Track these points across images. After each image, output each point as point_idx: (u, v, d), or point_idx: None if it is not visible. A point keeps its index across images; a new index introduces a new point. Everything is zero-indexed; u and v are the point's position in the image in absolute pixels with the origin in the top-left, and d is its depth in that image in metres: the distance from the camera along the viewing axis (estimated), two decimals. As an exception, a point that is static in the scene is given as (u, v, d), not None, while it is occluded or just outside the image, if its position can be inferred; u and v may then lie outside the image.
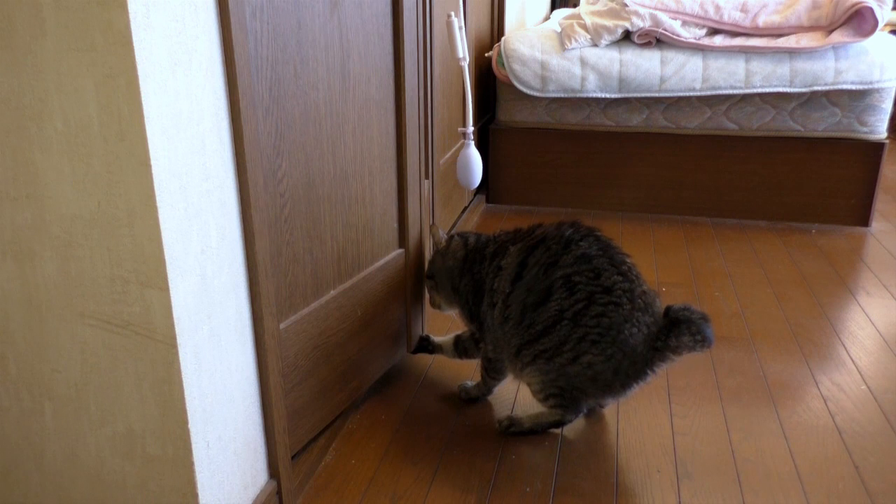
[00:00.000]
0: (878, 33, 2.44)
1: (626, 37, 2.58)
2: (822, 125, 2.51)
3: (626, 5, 2.58)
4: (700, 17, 2.57)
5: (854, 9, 2.37)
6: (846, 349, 1.73)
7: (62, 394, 0.96)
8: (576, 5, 3.83)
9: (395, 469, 1.30)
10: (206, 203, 0.93)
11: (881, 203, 2.88)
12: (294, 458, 1.29)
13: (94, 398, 0.95)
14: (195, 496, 0.96)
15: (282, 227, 1.15)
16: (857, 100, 2.46)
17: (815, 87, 2.43)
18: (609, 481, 1.27)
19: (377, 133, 1.40)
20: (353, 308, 1.39)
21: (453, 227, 2.51)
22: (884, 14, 2.35)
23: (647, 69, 2.51)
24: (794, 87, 2.44)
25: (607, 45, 2.57)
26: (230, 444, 1.04)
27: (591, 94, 2.58)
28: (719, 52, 2.48)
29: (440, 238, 1.53)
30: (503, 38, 2.66)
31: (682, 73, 2.49)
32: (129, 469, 0.97)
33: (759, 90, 2.47)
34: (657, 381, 1.58)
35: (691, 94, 2.52)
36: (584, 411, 1.39)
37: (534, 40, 2.61)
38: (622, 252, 1.31)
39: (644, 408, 1.49)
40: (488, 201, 2.84)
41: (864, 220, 2.58)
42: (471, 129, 1.85)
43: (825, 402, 1.51)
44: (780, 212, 2.63)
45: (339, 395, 1.40)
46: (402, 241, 1.55)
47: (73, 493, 1.02)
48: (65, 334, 0.92)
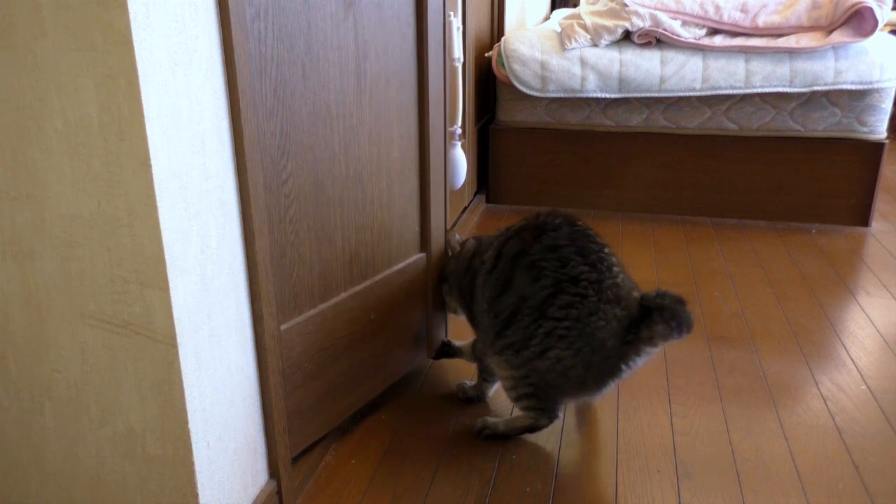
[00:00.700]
0: (877, 33, 2.44)
1: (626, 37, 2.58)
2: (822, 125, 2.51)
3: (626, 5, 2.58)
4: (700, 17, 2.57)
5: (854, 9, 2.37)
6: (846, 349, 1.73)
7: (62, 394, 0.96)
8: (576, 5, 3.83)
9: (395, 469, 1.30)
10: (206, 203, 0.93)
11: (881, 203, 2.88)
12: (298, 458, 1.28)
13: (94, 398, 0.95)
14: (195, 496, 0.96)
15: (286, 227, 1.15)
16: (857, 100, 2.46)
17: (815, 87, 2.43)
18: (609, 481, 1.27)
19: (397, 136, 1.37)
20: (366, 311, 1.37)
21: (453, 226, 2.51)
22: (884, 14, 2.35)
23: (647, 69, 2.51)
24: (794, 87, 2.44)
25: (607, 45, 2.57)
26: (230, 444, 1.04)
27: (591, 94, 2.58)
28: (719, 52, 2.48)
29: (455, 243, 1.52)
30: (503, 38, 2.66)
31: (682, 73, 2.49)
32: (129, 469, 0.97)
33: (759, 90, 2.47)
34: (657, 381, 1.58)
35: (691, 94, 2.52)
36: (559, 416, 1.35)
37: (534, 40, 2.61)
38: (598, 242, 1.27)
39: (644, 408, 1.49)
40: (488, 201, 2.84)
41: (864, 220, 2.58)
42: (459, 130, 1.85)
43: (825, 402, 1.51)
44: (780, 212, 2.64)
45: (349, 398, 1.38)
46: (423, 246, 1.51)
47: (73, 493, 1.02)
48: (65, 334, 0.92)
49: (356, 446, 1.36)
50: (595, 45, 2.57)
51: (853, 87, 2.41)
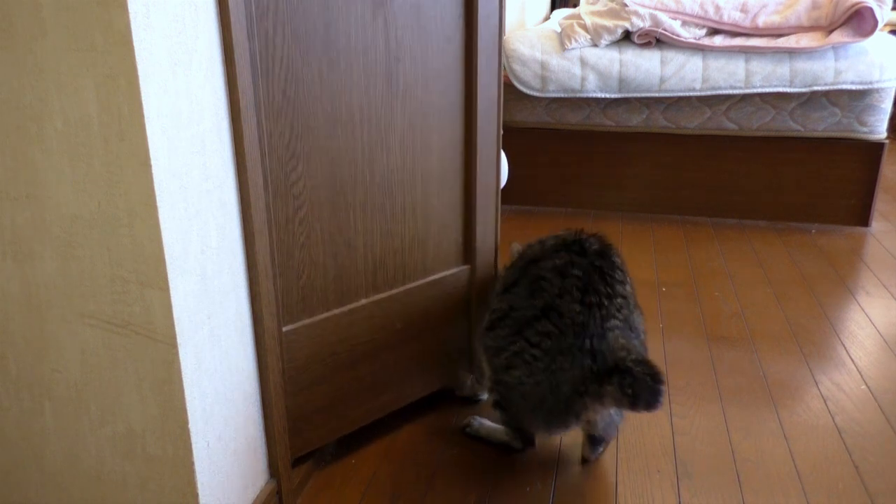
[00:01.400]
0: (877, 33, 2.44)
1: (626, 37, 2.58)
2: (822, 125, 2.51)
3: (626, 5, 2.58)
4: (700, 17, 2.57)
5: (854, 9, 2.37)
6: (846, 349, 1.73)
7: (62, 394, 0.96)
8: (576, 5, 3.83)
9: (395, 469, 1.30)
10: (206, 203, 0.93)
11: (881, 203, 2.88)
12: (306, 459, 1.27)
13: (94, 398, 0.95)
14: (195, 496, 0.96)
15: (295, 229, 1.13)
16: (856, 100, 2.46)
17: (815, 87, 2.43)
18: (609, 481, 1.27)
19: (437, 142, 1.31)
20: (391, 320, 1.33)
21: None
22: (883, 14, 2.35)
23: (647, 69, 2.51)
24: (794, 87, 2.44)
25: (607, 45, 2.57)
26: (230, 444, 1.04)
27: (591, 94, 2.58)
28: (719, 52, 2.48)
29: (514, 252, 1.44)
30: (503, 38, 2.65)
31: (682, 73, 2.49)
32: (129, 469, 0.97)
33: (759, 90, 2.47)
34: (657, 381, 1.58)
35: (691, 94, 2.52)
36: (532, 443, 1.32)
37: (534, 40, 2.61)
38: (613, 286, 1.17)
39: (644, 408, 1.49)
40: (488, 201, 2.84)
41: (864, 220, 2.58)
42: None
43: (825, 402, 1.51)
44: (780, 212, 2.64)
45: (366, 406, 1.34)
46: (467, 257, 1.44)
47: (73, 493, 1.02)
48: (65, 334, 0.92)
49: (356, 446, 1.36)
50: (595, 46, 2.57)
51: (853, 87, 2.41)
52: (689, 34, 2.53)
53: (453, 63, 1.30)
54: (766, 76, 2.45)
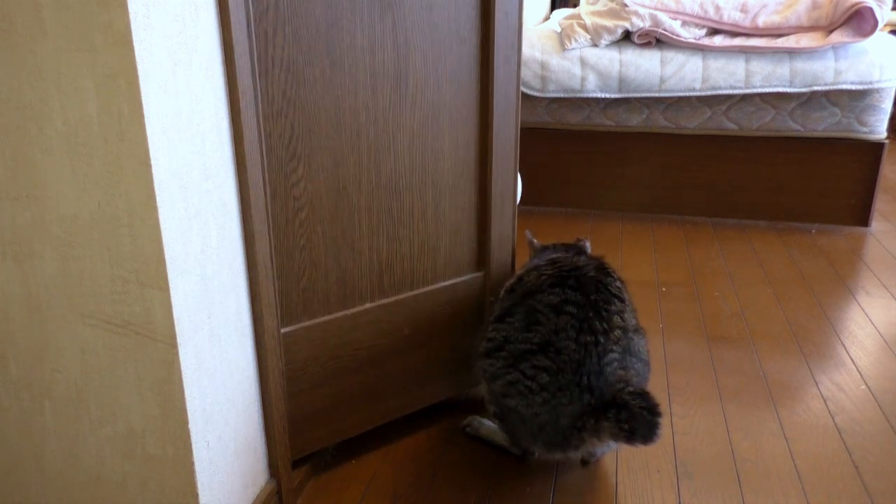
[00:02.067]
0: (877, 33, 2.44)
1: (626, 37, 2.58)
2: (822, 125, 2.51)
3: (626, 5, 2.58)
4: (700, 17, 2.57)
5: (854, 9, 2.37)
6: (846, 349, 1.73)
7: (62, 394, 0.96)
8: (576, 5, 3.83)
9: (395, 469, 1.30)
10: (206, 203, 0.93)
11: (881, 203, 2.88)
12: (307, 459, 1.27)
13: (94, 398, 0.95)
14: (195, 496, 0.96)
15: (296, 230, 1.13)
16: (856, 100, 2.46)
17: (815, 87, 2.43)
18: (609, 481, 1.27)
19: (449, 145, 1.29)
20: (398, 325, 1.31)
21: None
22: (884, 14, 2.35)
23: (647, 69, 2.51)
24: (794, 87, 2.44)
25: (607, 45, 2.57)
26: (230, 444, 1.04)
27: (591, 94, 2.58)
28: (719, 52, 2.48)
29: (530, 240, 1.44)
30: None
31: (682, 73, 2.49)
32: (129, 469, 0.97)
33: (759, 90, 2.47)
34: (657, 381, 1.58)
35: (691, 94, 2.52)
36: (531, 453, 1.31)
37: (534, 40, 2.61)
38: (609, 320, 1.15)
39: (644, 408, 1.49)
40: (488, 201, 2.84)
41: (864, 220, 2.58)
42: None
43: (825, 402, 1.51)
44: (780, 212, 2.64)
45: (369, 411, 1.33)
46: (481, 264, 1.41)
47: (73, 493, 1.02)
48: (65, 334, 0.92)
49: (356, 446, 1.36)
50: (595, 46, 2.57)
51: (853, 87, 2.41)
52: (689, 34, 2.53)
53: (468, 64, 1.27)
54: (766, 76, 2.45)
